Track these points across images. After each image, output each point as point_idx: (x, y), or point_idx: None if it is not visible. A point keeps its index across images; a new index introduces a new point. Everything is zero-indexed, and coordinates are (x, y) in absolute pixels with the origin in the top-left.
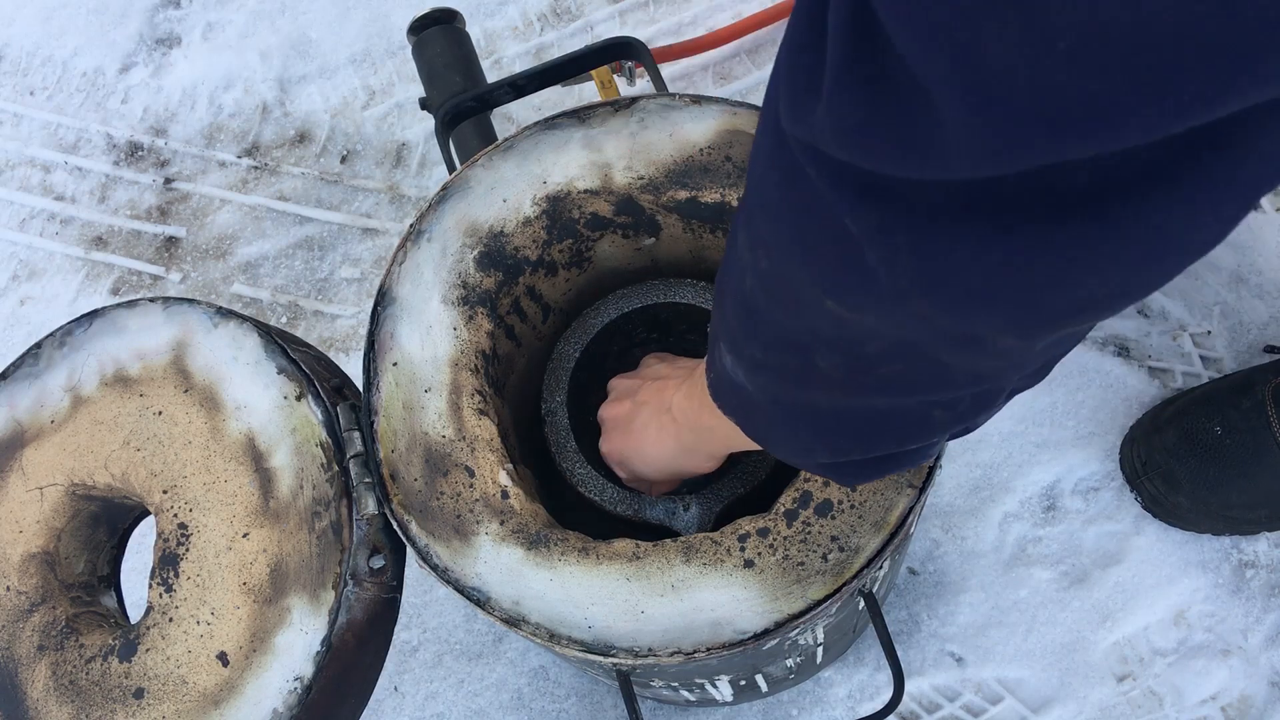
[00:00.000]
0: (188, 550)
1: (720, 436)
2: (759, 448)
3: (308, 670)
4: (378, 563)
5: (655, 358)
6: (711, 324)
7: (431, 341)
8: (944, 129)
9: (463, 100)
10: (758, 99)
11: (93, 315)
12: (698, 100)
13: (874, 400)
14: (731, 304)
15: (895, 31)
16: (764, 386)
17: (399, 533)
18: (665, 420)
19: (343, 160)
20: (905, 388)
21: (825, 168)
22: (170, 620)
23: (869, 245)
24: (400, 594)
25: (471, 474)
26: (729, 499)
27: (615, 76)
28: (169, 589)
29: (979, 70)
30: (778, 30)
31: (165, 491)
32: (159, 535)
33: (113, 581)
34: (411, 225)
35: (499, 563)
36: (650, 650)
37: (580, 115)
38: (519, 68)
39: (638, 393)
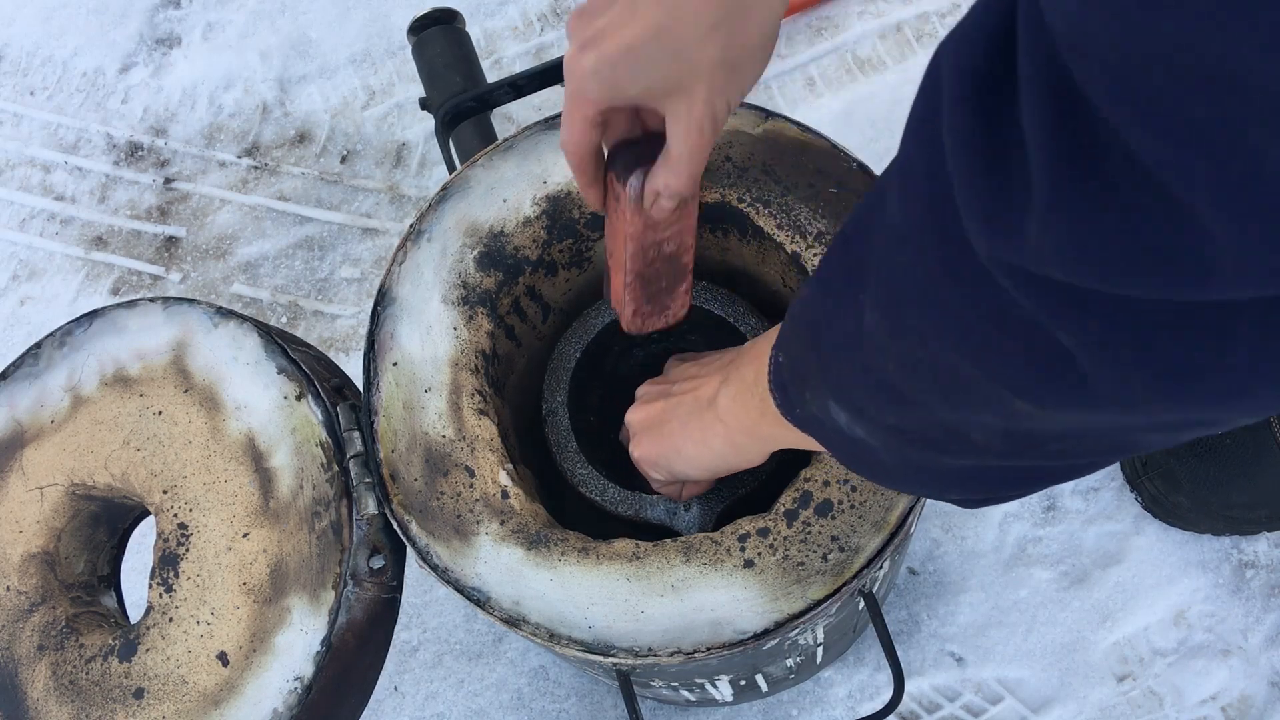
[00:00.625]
0: (188, 550)
1: (782, 440)
2: (823, 449)
3: (308, 670)
4: (378, 563)
5: (679, 359)
6: (792, 366)
7: (431, 341)
8: (1209, 248)
9: (463, 100)
10: (757, 99)
11: (93, 315)
12: None
13: (1036, 463)
14: (854, 376)
15: (1135, 137)
16: (895, 448)
17: (399, 533)
18: (708, 419)
19: (343, 160)
20: (1078, 455)
21: (1032, 286)
22: (170, 620)
23: (1087, 358)
24: (400, 594)
25: (471, 474)
26: (730, 499)
27: None
28: (169, 589)
29: (1260, 184)
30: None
31: (165, 491)
32: (159, 535)
33: (113, 581)
34: (411, 225)
35: (499, 563)
36: (650, 650)
37: None
38: (519, 68)
39: (669, 395)
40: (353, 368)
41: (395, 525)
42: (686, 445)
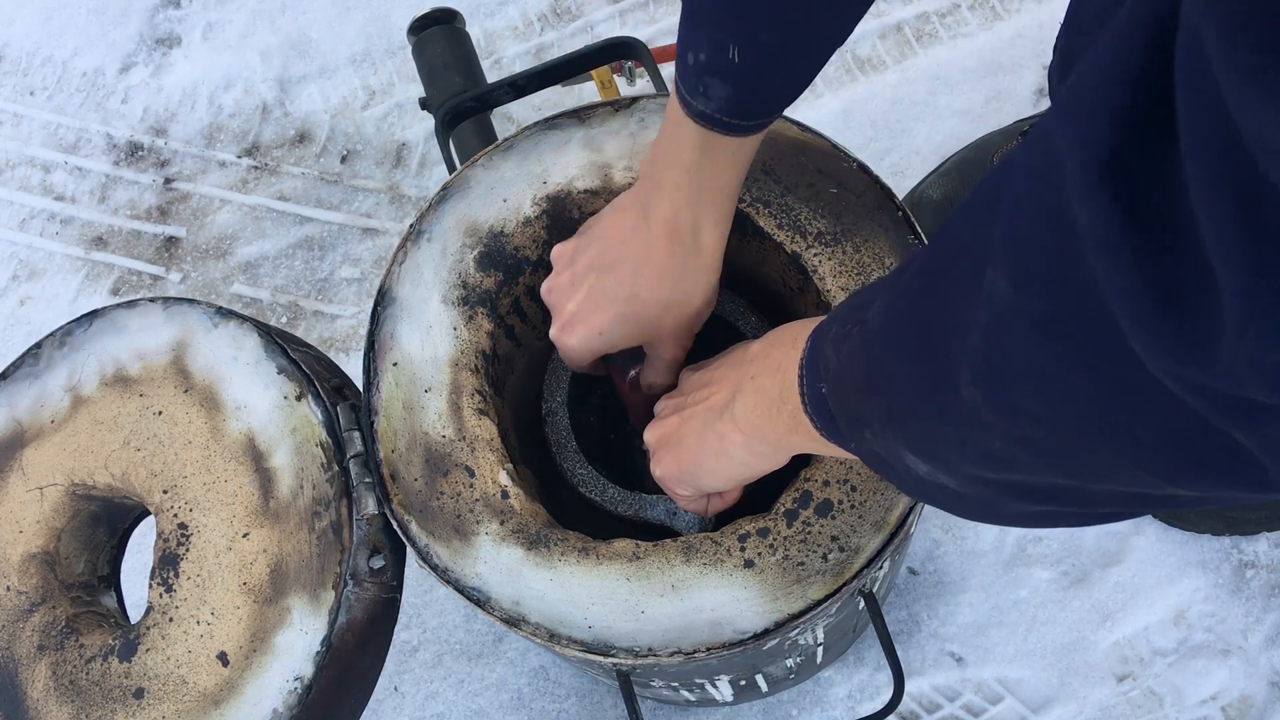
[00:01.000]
0: (188, 550)
1: (810, 449)
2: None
3: (308, 670)
4: (378, 563)
5: (691, 370)
6: (844, 405)
7: (431, 341)
8: None
9: (463, 100)
10: None
11: (93, 315)
12: None
13: (1154, 510)
14: (946, 441)
15: None
16: (986, 495)
17: (399, 533)
18: (724, 428)
19: (343, 160)
20: (1212, 504)
21: (1218, 400)
22: (170, 620)
23: (1273, 459)
24: (400, 594)
25: (471, 474)
26: None
27: (615, 76)
28: (169, 589)
29: None
30: None
31: (165, 491)
32: (159, 535)
33: (113, 581)
34: (411, 225)
35: (499, 563)
36: (650, 650)
37: (580, 115)
38: (519, 68)
39: (683, 408)
40: (353, 368)
41: (395, 525)
42: (706, 458)
